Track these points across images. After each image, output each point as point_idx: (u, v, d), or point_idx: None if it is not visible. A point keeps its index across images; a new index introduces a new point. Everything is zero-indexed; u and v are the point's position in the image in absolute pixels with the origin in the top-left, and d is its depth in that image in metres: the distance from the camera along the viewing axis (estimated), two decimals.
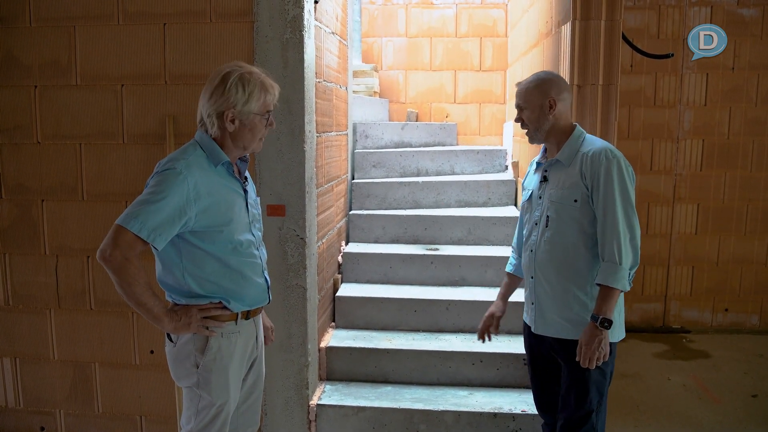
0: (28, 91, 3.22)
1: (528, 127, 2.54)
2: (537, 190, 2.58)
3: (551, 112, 2.47)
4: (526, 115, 2.52)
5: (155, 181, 2.03)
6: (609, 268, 2.32)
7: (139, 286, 1.99)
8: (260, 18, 3.04)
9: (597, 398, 2.45)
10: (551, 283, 2.49)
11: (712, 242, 5.29)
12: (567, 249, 2.45)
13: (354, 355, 3.71)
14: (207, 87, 2.12)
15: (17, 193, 3.29)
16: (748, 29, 5.06)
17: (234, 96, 2.07)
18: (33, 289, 3.35)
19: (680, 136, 5.22)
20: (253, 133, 2.15)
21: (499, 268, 4.26)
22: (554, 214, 2.46)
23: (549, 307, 2.51)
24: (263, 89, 2.12)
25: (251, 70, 2.13)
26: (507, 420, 3.31)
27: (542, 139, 2.53)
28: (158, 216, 1.96)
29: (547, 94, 2.47)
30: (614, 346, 2.43)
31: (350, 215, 4.71)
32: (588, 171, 2.38)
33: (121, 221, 1.96)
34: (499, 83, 6.18)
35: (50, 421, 3.46)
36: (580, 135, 2.51)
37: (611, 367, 2.47)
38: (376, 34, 6.27)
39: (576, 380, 2.45)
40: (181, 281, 2.12)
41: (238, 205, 2.18)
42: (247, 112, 2.10)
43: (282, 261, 3.17)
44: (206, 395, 2.16)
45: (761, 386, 4.26)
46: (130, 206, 1.99)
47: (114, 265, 1.95)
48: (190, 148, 2.12)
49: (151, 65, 3.14)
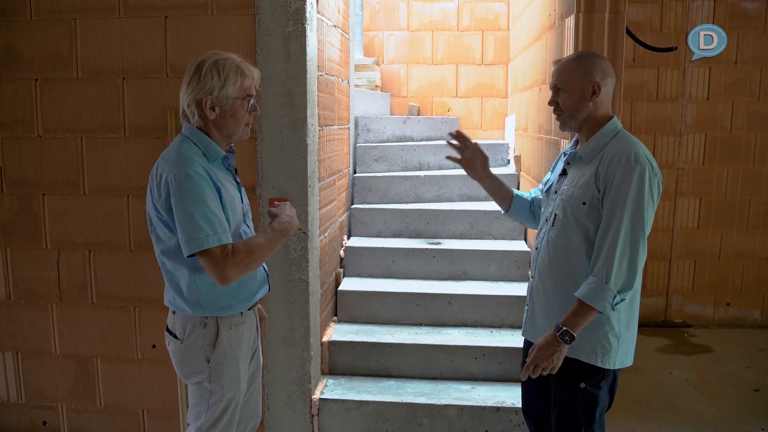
0: (29, 84, 3.21)
1: (562, 112, 2.24)
2: (555, 183, 2.34)
3: (593, 99, 2.19)
4: (562, 99, 2.21)
5: (179, 196, 1.98)
6: (593, 283, 2.05)
7: (260, 252, 2.05)
8: (262, 11, 3.02)
9: (585, 422, 2.21)
10: (546, 289, 2.28)
11: (714, 237, 5.28)
12: (568, 254, 2.20)
13: (356, 350, 3.71)
14: (184, 78, 2.10)
15: (18, 187, 3.28)
16: (751, 23, 5.04)
17: (210, 82, 2.04)
18: (34, 283, 3.34)
19: (683, 130, 5.20)
20: (235, 119, 2.11)
21: (501, 262, 4.27)
22: (562, 214, 2.22)
23: (541, 312, 2.31)
24: (239, 72, 2.08)
25: (227, 56, 2.10)
26: (510, 414, 3.31)
27: (576, 127, 2.25)
28: (213, 216, 1.97)
29: (591, 78, 2.17)
30: (617, 373, 2.26)
31: (352, 209, 4.70)
32: (603, 173, 2.11)
33: (196, 249, 1.95)
34: (501, 77, 6.16)
35: (52, 416, 3.46)
36: (613, 130, 2.22)
37: (611, 392, 2.27)
38: (377, 27, 6.25)
39: (561, 399, 2.25)
40: (191, 287, 2.11)
41: (237, 197, 2.19)
42: (225, 97, 2.06)
43: (284, 255, 3.16)
44: (218, 389, 2.16)
45: (763, 380, 4.26)
46: (185, 233, 1.97)
47: (236, 275, 2.00)
48: (185, 147, 2.08)
49: (152, 58, 3.12)
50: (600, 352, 2.17)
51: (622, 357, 2.22)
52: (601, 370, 2.19)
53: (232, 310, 2.17)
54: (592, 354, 2.18)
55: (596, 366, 2.18)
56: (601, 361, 2.18)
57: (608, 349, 2.17)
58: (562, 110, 2.23)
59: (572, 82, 2.19)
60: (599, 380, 2.20)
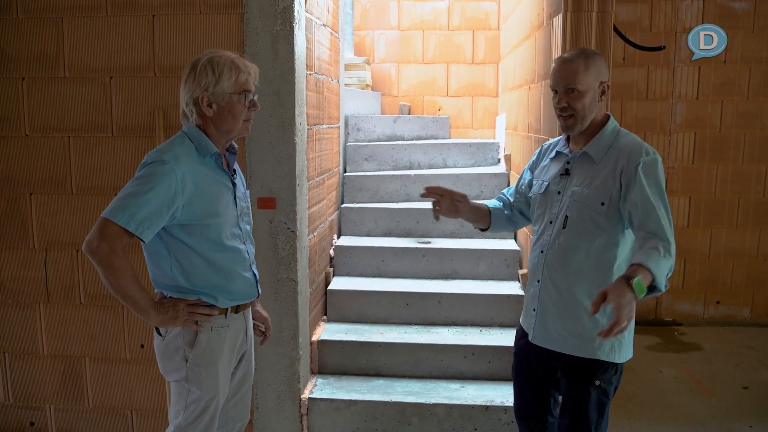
0: (16, 83, 3.19)
1: (573, 113, 2.14)
2: (555, 184, 2.27)
3: (602, 99, 2.14)
4: (575, 100, 2.12)
5: (143, 172, 2.01)
6: (654, 249, 1.92)
7: (125, 278, 1.97)
8: (250, 9, 3.01)
9: (596, 418, 2.20)
10: (560, 291, 2.21)
11: (704, 235, 5.30)
12: (588, 255, 2.15)
13: (346, 349, 3.70)
14: (182, 77, 2.11)
15: (5, 187, 3.26)
16: (740, 22, 5.06)
17: (205, 79, 2.04)
18: (22, 283, 3.32)
19: (672, 129, 5.22)
20: (233, 115, 2.10)
21: (491, 261, 4.27)
22: (575, 215, 2.16)
23: (554, 317, 2.23)
24: (234, 68, 2.07)
25: (222, 53, 2.10)
26: (499, 413, 3.31)
27: (584, 129, 2.18)
28: (146, 208, 1.94)
29: (601, 77, 2.14)
30: (621, 367, 2.23)
31: (342, 208, 4.70)
32: (625, 167, 2.07)
33: (107, 214, 1.94)
34: (492, 76, 6.17)
35: (40, 417, 3.44)
36: (615, 128, 2.19)
37: (615, 385, 2.25)
38: (368, 26, 6.25)
39: (575, 399, 2.22)
40: (170, 275, 2.11)
41: (226, 198, 2.16)
42: (221, 93, 2.06)
43: (273, 254, 3.15)
44: (195, 389, 2.15)
45: (752, 378, 4.28)
46: (116, 198, 1.97)
47: (100, 257, 1.94)
48: (178, 140, 2.11)
49: (140, 57, 3.11)
50: (617, 348, 2.19)
51: (627, 349, 2.22)
52: (614, 366, 2.20)
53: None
54: (611, 352, 2.18)
55: (610, 362, 2.19)
56: (618, 356, 2.19)
57: (622, 344, 2.19)
58: (574, 111, 2.14)
59: (586, 82, 2.12)
60: (611, 376, 2.21)
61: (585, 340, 2.17)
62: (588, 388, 2.20)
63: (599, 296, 1.84)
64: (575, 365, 2.21)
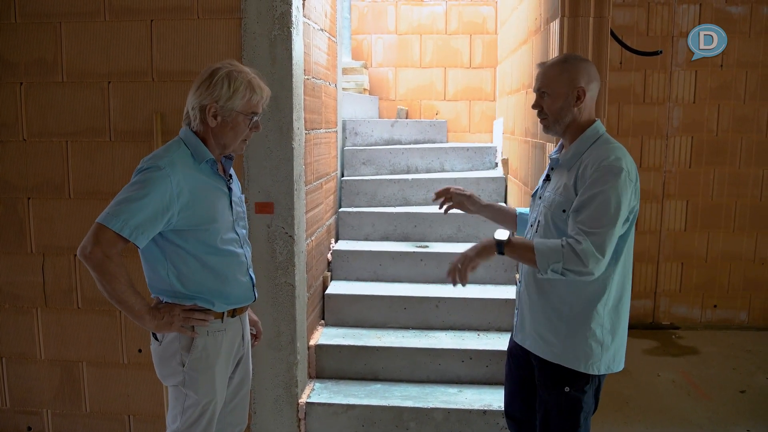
0: (14, 88, 3.19)
1: (546, 116, 2.20)
2: (540, 189, 2.31)
3: (577, 104, 2.15)
4: (547, 103, 2.18)
5: (138, 178, 2.02)
6: (556, 247, 2.00)
7: (119, 284, 1.97)
8: (248, 14, 3.02)
9: (570, 426, 2.18)
10: (530, 293, 2.26)
11: (701, 239, 5.31)
12: None
13: (343, 353, 3.70)
14: (196, 80, 2.12)
15: (3, 191, 3.26)
16: (736, 27, 5.08)
17: (219, 90, 2.06)
18: (19, 288, 3.32)
19: (669, 133, 5.23)
20: (234, 132, 2.12)
21: (488, 265, 4.26)
22: (543, 220, 2.21)
23: (528, 318, 2.27)
24: (249, 88, 2.09)
25: (242, 69, 2.12)
26: (496, 417, 3.31)
27: (560, 132, 2.21)
28: (140, 214, 1.95)
29: (576, 83, 2.13)
30: (602, 379, 2.21)
31: (340, 213, 4.70)
32: (580, 179, 2.08)
33: (102, 219, 1.94)
34: (489, 81, 6.18)
35: (37, 421, 3.44)
36: (594, 135, 2.16)
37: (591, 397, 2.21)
38: (365, 31, 6.26)
39: (546, 403, 2.24)
40: (166, 280, 2.11)
41: (222, 203, 2.16)
42: (230, 109, 2.08)
43: (270, 259, 3.15)
44: (192, 394, 2.15)
45: (749, 382, 4.29)
46: (111, 204, 1.98)
47: (94, 262, 1.94)
48: (174, 146, 2.11)
49: (137, 62, 3.11)
50: (583, 358, 2.15)
51: (608, 363, 2.18)
52: (586, 376, 2.16)
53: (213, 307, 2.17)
54: (575, 360, 2.15)
55: (583, 373, 2.16)
56: (585, 366, 2.14)
57: (590, 355, 2.14)
58: (547, 114, 2.20)
59: (557, 87, 2.15)
60: (583, 385, 2.17)
61: (549, 344, 2.18)
62: (558, 394, 2.19)
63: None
64: (545, 368, 2.22)
